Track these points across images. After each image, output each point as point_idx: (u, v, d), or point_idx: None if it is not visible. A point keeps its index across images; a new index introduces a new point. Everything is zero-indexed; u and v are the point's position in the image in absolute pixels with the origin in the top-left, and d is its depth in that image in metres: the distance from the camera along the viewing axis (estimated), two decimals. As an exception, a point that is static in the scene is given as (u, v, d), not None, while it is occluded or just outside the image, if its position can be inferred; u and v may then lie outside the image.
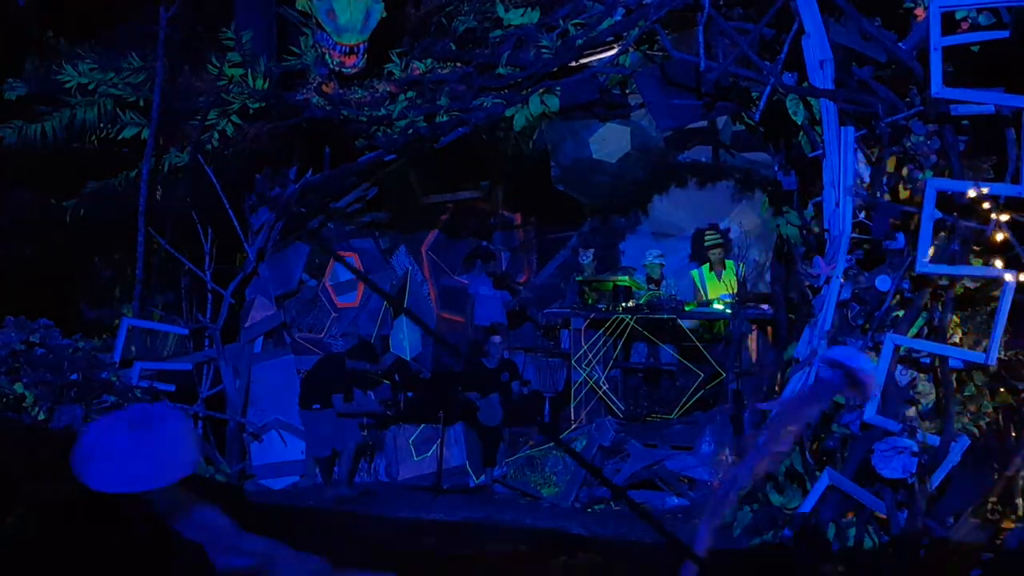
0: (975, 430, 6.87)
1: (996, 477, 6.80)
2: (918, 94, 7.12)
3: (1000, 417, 7.08)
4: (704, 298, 10.47)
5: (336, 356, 9.98)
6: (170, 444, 3.12)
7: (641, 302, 10.39)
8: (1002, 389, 7.18)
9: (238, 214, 9.45)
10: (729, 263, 10.56)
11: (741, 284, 9.84)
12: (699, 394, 9.91)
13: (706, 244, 10.75)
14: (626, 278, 10.65)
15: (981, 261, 7.14)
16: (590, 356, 10.24)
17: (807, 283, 7.36)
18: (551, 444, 9.46)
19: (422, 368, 11.27)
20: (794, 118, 7.52)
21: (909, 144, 7.12)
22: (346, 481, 9.41)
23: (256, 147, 9.41)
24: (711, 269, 10.70)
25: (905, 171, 7.19)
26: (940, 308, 7.01)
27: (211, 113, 9.20)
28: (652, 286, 10.80)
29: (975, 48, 7.06)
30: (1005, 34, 6.88)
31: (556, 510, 8.87)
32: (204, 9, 9.45)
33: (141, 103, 9.23)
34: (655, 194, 11.67)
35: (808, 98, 7.41)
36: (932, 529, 6.56)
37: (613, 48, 8.42)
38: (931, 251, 6.83)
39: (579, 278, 11.24)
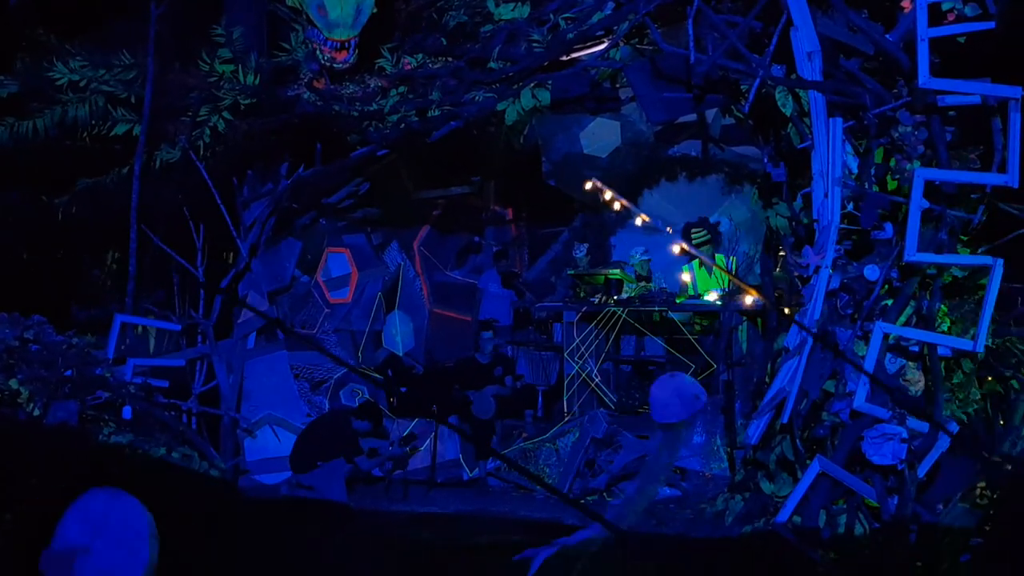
0: (963, 417, 6.94)
1: (984, 463, 6.88)
2: (905, 85, 7.19)
3: (988, 404, 7.16)
4: (693, 293, 10.52)
5: (334, 414, 9.66)
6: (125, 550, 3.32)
7: (632, 295, 10.45)
8: (989, 377, 7.26)
9: (230, 210, 9.46)
10: (719, 257, 10.60)
11: (734, 276, 9.89)
12: (690, 386, 9.97)
13: (694, 243, 10.76)
14: (618, 271, 10.71)
15: (969, 250, 7.24)
16: (582, 349, 10.30)
17: (796, 273, 7.42)
18: (544, 436, 9.52)
19: (415, 363, 11.32)
20: (783, 110, 7.58)
21: (897, 135, 7.19)
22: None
23: (248, 143, 9.44)
24: (701, 265, 10.74)
25: (893, 161, 7.26)
26: (928, 297, 7.08)
27: (202, 109, 9.22)
28: (641, 283, 10.87)
29: (961, 39, 7.14)
30: (991, 25, 6.97)
31: (550, 501, 8.93)
32: (195, 5, 9.46)
33: (132, 100, 9.25)
34: (645, 188, 11.71)
35: (796, 90, 7.47)
36: (922, 515, 6.63)
37: (603, 42, 8.46)
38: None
39: (571, 272, 11.30)
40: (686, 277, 10.62)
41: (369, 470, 9.19)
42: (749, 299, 9.29)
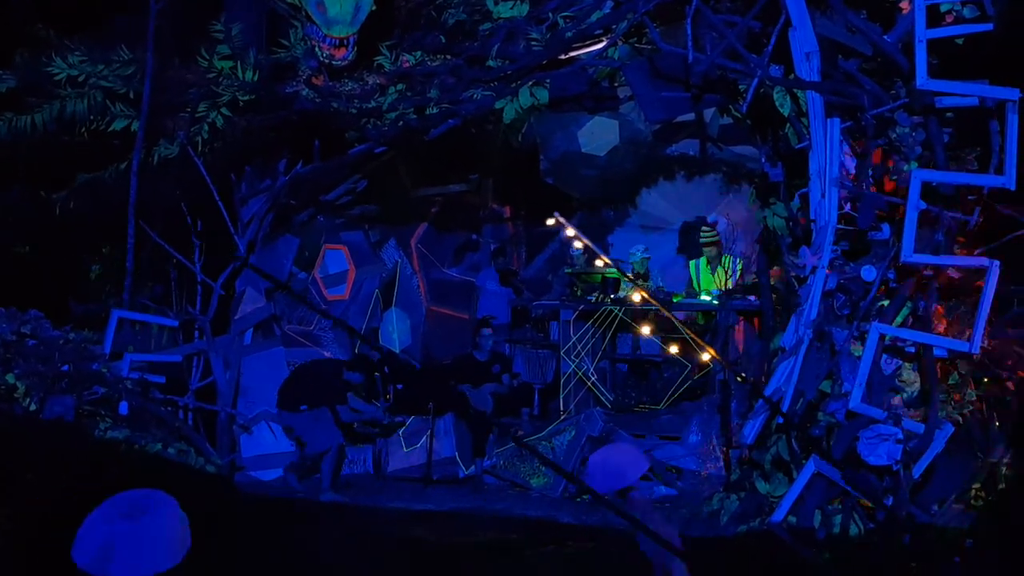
0: (959, 418, 6.95)
1: (979, 464, 6.90)
2: (903, 86, 7.21)
3: (983, 405, 7.17)
4: (697, 290, 10.55)
5: (327, 362, 9.82)
6: (161, 533, 3.28)
7: (630, 293, 10.46)
8: (985, 378, 7.27)
9: (228, 206, 9.45)
10: (726, 257, 10.59)
11: (731, 278, 9.90)
12: (687, 384, 9.99)
13: (701, 241, 10.77)
14: (615, 270, 10.72)
15: (965, 251, 7.25)
16: (579, 347, 10.31)
17: (793, 273, 7.43)
18: (540, 435, 9.53)
19: (412, 361, 11.33)
20: (781, 110, 7.60)
21: (894, 136, 7.21)
22: (330, 483, 9.15)
23: (246, 139, 9.44)
24: (707, 263, 10.76)
25: (890, 162, 7.28)
26: (924, 298, 7.10)
27: (201, 105, 9.21)
28: (639, 281, 10.87)
29: (959, 41, 7.15)
30: (989, 27, 6.98)
31: (545, 500, 8.95)
32: (194, 2, 9.45)
33: (131, 95, 9.24)
34: (643, 187, 11.73)
35: (794, 90, 7.49)
36: (916, 516, 6.64)
37: (602, 41, 8.47)
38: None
39: (568, 270, 11.31)
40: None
41: (351, 423, 9.30)
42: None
